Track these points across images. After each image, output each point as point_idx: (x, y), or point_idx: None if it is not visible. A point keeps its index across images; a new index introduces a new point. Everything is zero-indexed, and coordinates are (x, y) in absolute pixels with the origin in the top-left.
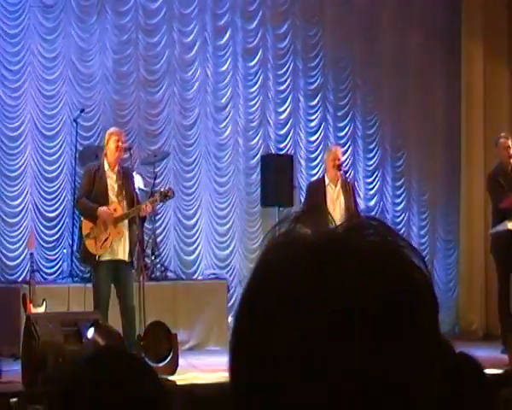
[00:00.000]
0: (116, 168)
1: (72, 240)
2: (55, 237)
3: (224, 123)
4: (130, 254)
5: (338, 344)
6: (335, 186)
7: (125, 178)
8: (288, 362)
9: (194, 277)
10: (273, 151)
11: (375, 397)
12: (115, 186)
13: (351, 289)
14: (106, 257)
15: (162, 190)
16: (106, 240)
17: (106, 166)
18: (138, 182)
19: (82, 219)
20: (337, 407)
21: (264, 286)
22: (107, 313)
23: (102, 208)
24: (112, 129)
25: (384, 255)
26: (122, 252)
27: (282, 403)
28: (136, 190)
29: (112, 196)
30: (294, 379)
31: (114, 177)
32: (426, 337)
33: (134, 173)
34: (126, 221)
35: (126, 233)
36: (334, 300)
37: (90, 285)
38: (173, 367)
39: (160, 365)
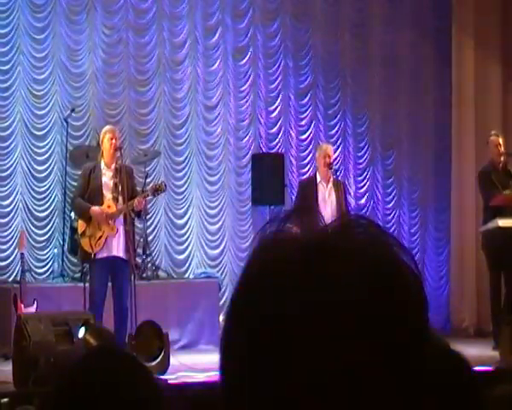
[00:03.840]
0: (113, 166)
1: (63, 240)
2: (45, 237)
3: (215, 122)
4: (127, 250)
5: (325, 341)
6: (327, 184)
7: (124, 175)
8: (276, 357)
9: (186, 276)
10: (264, 150)
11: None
12: (110, 183)
13: (339, 288)
14: (102, 254)
15: (154, 184)
16: (100, 238)
17: (102, 165)
18: None
19: (73, 217)
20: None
21: (254, 286)
22: (102, 312)
23: (95, 209)
24: (106, 127)
25: (373, 254)
26: (117, 248)
27: (270, 398)
28: (137, 188)
29: (106, 193)
30: (285, 375)
31: (111, 174)
32: (415, 335)
33: None
34: (122, 218)
35: (121, 229)
36: (323, 298)
37: (80, 285)
38: (164, 366)
39: (152, 364)
